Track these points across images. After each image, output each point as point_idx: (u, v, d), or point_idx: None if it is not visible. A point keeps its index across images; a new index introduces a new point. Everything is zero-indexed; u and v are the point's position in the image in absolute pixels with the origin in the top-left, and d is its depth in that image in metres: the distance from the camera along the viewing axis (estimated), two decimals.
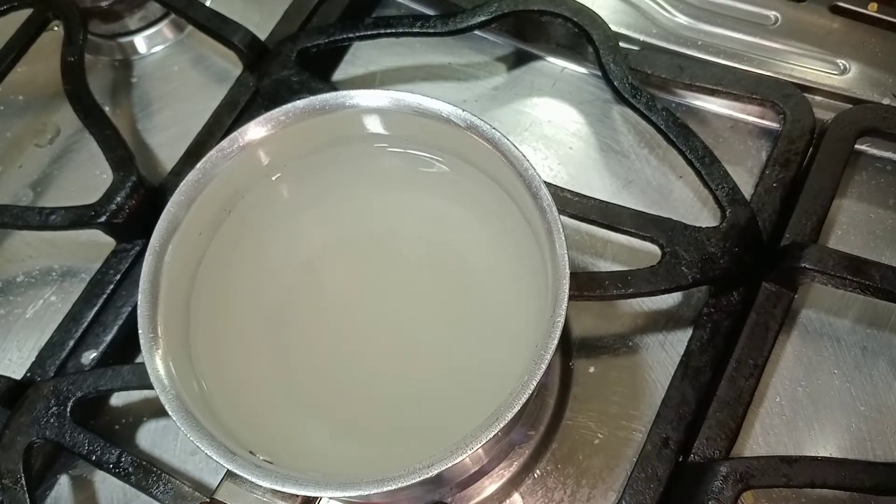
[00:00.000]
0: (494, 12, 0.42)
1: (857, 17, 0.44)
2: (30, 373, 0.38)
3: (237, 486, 0.26)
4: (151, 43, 0.49)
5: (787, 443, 0.35)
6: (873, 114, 0.40)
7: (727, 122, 0.43)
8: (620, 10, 0.45)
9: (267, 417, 0.30)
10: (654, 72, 0.42)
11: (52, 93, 0.47)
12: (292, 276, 0.33)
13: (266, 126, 0.30)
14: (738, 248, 0.36)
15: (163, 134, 0.46)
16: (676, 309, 0.38)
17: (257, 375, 0.31)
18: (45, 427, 0.34)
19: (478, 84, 0.46)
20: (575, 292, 0.34)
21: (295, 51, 0.43)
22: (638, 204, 0.40)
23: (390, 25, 0.43)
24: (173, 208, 0.29)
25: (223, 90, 0.45)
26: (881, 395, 0.36)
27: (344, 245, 0.34)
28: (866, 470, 0.31)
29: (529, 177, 0.28)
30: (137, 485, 0.33)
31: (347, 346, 0.32)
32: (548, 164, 0.43)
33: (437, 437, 0.25)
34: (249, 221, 0.33)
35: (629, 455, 0.35)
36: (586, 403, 0.36)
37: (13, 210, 0.40)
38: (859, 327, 0.37)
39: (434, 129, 0.30)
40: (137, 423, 0.38)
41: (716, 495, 0.31)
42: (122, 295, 0.39)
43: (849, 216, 0.40)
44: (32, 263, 0.43)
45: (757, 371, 0.35)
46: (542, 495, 0.35)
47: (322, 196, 0.34)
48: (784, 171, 0.39)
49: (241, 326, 0.32)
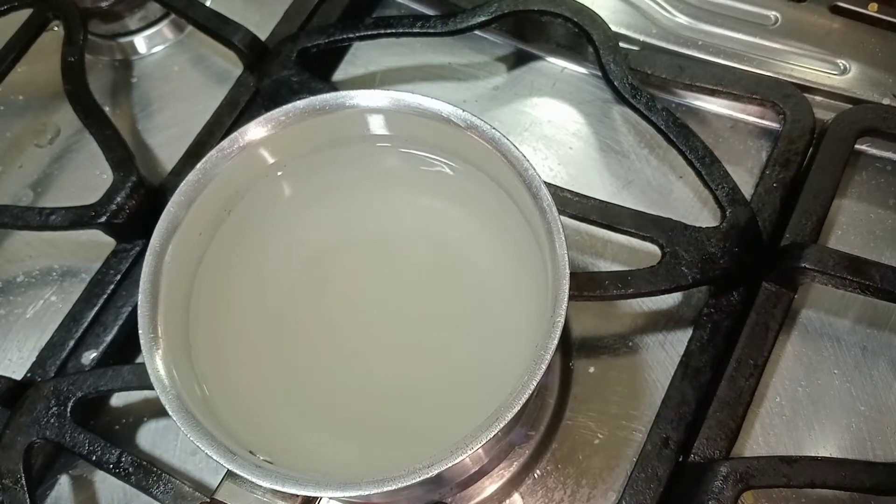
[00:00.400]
0: (494, 12, 0.42)
1: (857, 17, 0.44)
2: (30, 373, 0.38)
3: (237, 486, 0.26)
4: (151, 43, 0.49)
5: (787, 443, 0.35)
6: (873, 114, 0.40)
7: (727, 122, 0.43)
8: (620, 10, 0.45)
9: (267, 417, 0.30)
10: (654, 72, 0.42)
11: (52, 93, 0.47)
12: (292, 276, 0.33)
13: (266, 126, 0.30)
14: (738, 248, 0.36)
15: (163, 134, 0.46)
16: (676, 309, 0.38)
17: (257, 375, 0.31)
18: (45, 427, 0.34)
19: (478, 84, 0.46)
20: (575, 292, 0.34)
21: (295, 51, 0.43)
22: (638, 204, 0.40)
23: (390, 25, 0.43)
24: (173, 208, 0.29)
25: (223, 90, 0.45)
26: (881, 395, 0.36)
27: (344, 245, 0.34)
28: (866, 470, 0.31)
29: (529, 177, 0.28)
30: (138, 485, 0.33)
31: (347, 345, 0.32)
32: (548, 165, 0.43)
33: (437, 437, 0.25)
34: (250, 222, 0.33)
35: (629, 455, 0.35)
36: (586, 403, 0.36)
37: (13, 210, 0.40)
38: (859, 327, 0.37)
39: (434, 130, 0.30)
40: (138, 424, 0.38)
41: (716, 495, 0.31)
42: (122, 295, 0.39)
43: (849, 216, 0.40)
44: (33, 263, 0.43)
45: (757, 371, 0.35)
46: (542, 495, 0.35)
47: (322, 196, 0.34)
48: (784, 171, 0.39)
49: (241, 326, 0.32)
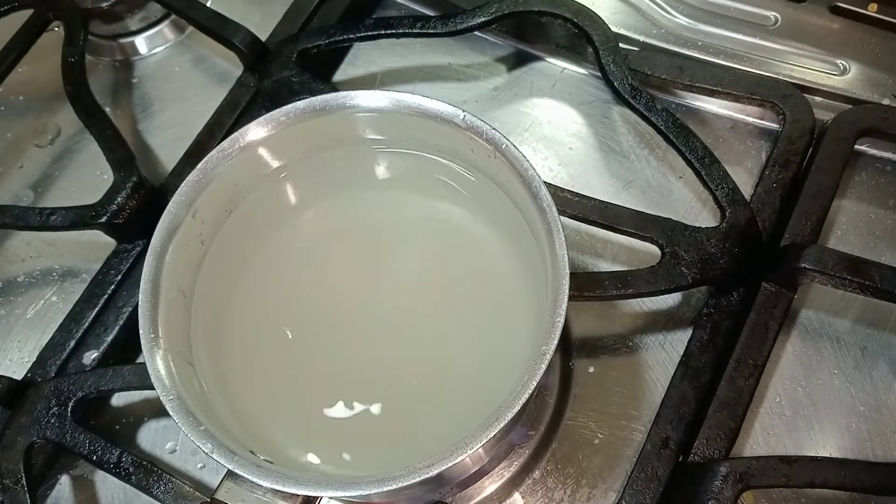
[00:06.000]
0: (495, 13, 0.42)
1: (857, 18, 0.44)
2: (31, 373, 0.38)
3: (238, 486, 0.26)
4: (152, 44, 0.49)
5: (787, 443, 0.35)
6: (873, 114, 0.40)
7: (727, 122, 0.43)
8: (620, 10, 0.45)
9: (267, 417, 0.30)
10: (653, 72, 0.42)
11: (52, 93, 0.47)
12: (292, 276, 0.33)
13: (267, 127, 0.31)
14: (738, 248, 0.36)
15: (163, 134, 0.46)
16: (676, 309, 0.38)
17: (258, 375, 0.31)
18: (45, 427, 0.34)
19: (478, 85, 0.46)
20: (575, 292, 0.34)
21: (295, 51, 0.43)
22: (638, 204, 0.40)
23: (391, 26, 0.43)
24: (174, 209, 0.29)
25: (224, 91, 0.45)
26: (881, 395, 0.36)
27: (344, 245, 0.34)
28: (866, 470, 0.31)
29: (529, 177, 0.28)
30: (138, 485, 0.33)
31: (347, 346, 0.32)
32: (548, 165, 0.43)
33: (437, 437, 0.25)
34: (250, 222, 0.33)
35: (629, 455, 0.35)
36: (586, 403, 0.36)
37: (14, 210, 0.40)
38: (859, 327, 0.37)
39: (434, 130, 0.30)
40: (138, 423, 0.38)
41: (716, 495, 0.31)
42: (122, 295, 0.39)
43: (849, 216, 0.40)
44: (33, 264, 0.43)
45: (757, 371, 0.35)
46: (542, 495, 0.35)
47: (323, 196, 0.34)
48: (784, 171, 0.39)
49: (241, 327, 0.32)
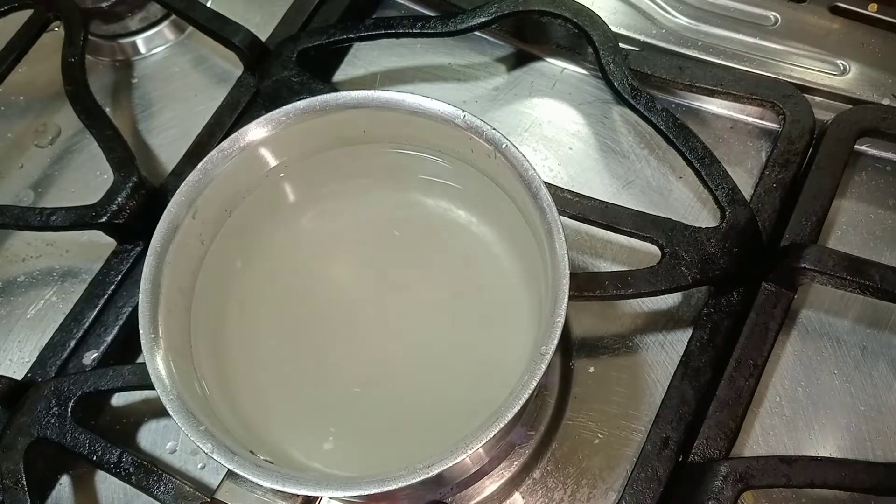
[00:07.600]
0: (494, 13, 0.42)
1: (857, 18, 0.44)
2: (31, 373, 0.38)
3: (238, 486, 0.26)
4: (152, 44, 0.49)
5: (786, 443, 0.35)
6: (873, 114, 0.40)
7: (727, 122, 0.43)
8: (620, 10, 0.45)
9: (267, 417, 0.30)
10: (653, 72, 0.42)
11: (52, 93, 0.47)
12: (293, 276, 0.33)
13: (267, 127, 0.31)
14: (738, 248, 0.36)
15: (163, 134, 0.46)
16: (676, 309, 0.38)
17: (258, 375, 0.31)
18: (46, 427, 0.34)
19: (478, 85, 0.46)
20: (575, 292, 0.34)
21: (295, 52, 0.43)
22: (638, 204, 0.40)
23: (391, 26, 0.43)
24: (174, 209, 0.29)
25: (224, 91, 0.45)
26: (881, 395, 0.36)
27: (344, 246, 0.34)
28: (866, 470, 0.31)
29: (529, 177, 0.28)
30: (138, 485, 0.33)
31: (347, 346, 0.32)
32: (548, 165, 0.43)
33: (437, 437, 0.25)
34: (250, 222, 0.33)
35: (629, 455, 0.35)
36: (586, 403, 0.36)
37: (14, 210, 0.40)
38: (859, 327, 0.38)
39: (434, 130, 0.30)
40: (138, 423, 0.38)
41: (716, 495, 0.31)
42: (122, 295, 0.39)
43: (849, 216, 0.40)
44: (33, 264, 0.43)
45: (757, 371, 0.35)
46: (543, 495, 0.35)
47: (323, 197, 0.34)
48: (784, 171, 0.39)
49: (241, 326, 0.32)
